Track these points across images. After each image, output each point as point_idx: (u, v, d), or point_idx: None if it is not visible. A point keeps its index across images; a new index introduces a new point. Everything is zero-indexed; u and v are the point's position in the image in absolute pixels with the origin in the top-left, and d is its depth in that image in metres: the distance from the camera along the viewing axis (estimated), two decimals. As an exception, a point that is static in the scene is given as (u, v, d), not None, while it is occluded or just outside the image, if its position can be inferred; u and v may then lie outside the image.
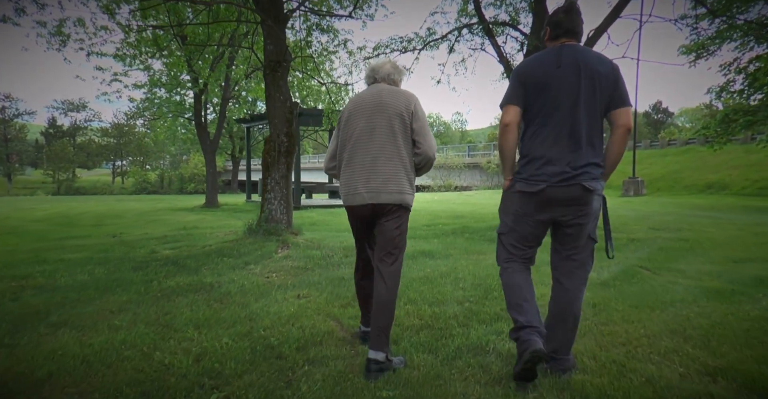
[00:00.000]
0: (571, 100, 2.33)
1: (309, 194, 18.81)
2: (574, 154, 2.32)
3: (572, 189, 2.32)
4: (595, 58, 2.36)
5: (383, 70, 2.77)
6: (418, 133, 2.62)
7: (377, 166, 2.58)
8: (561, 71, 2.34)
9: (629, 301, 3.47)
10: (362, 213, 2.65)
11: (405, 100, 2.63)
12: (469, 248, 6.16)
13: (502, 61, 8.46)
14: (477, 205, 15.61)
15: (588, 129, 2.33)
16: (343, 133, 2.73)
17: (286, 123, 6.38)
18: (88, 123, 76.17)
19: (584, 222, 2.37)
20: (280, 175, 6.45)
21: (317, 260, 5.12)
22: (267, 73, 6.17)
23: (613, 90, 2.33)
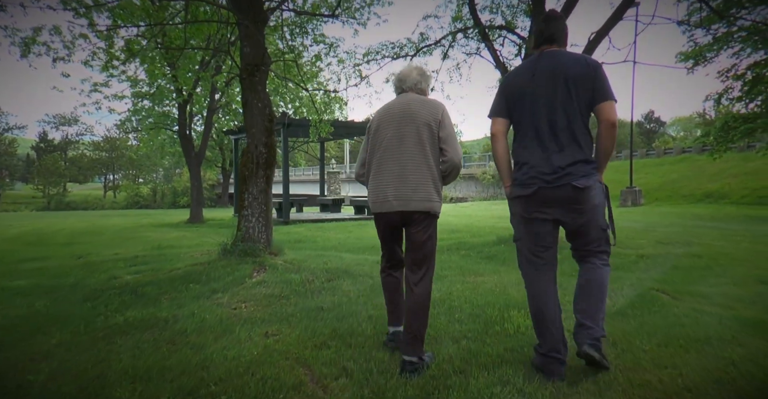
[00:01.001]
0: (548, 105, 2.46)
1: (300, 208, 18.25)
2: (558, 155, 2.44)
3: (563, 189, 2.42)
4: (571, 60, 2.45)
5: (410, 79, 2.84)
6: (444, 141, 2.68)
7: (406, 175, 2.66)
8: (536, 79, 2.48)
9: (655, 337, 2.93)
10: (391, 220, 2.73)
11: (433, 109, 2.70)
12: (465, 268, 5.62)
13: (498, 67, 8.00)
14: (473, 218, 15.09)
15: (569, 129, 2.44)
16: (372, 141, 2.82)
17: (265, 132, 5.85)
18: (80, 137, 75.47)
19: (587, 218, 2.47)
20: (258, 189, 5.91)
21: (295, 286, 4.56)
22: (243, 78, 5.66)
23: (592, 87, 2.41)
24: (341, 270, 5.29)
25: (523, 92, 2.52)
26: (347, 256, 6.53)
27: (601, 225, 2.52)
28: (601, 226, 2.51)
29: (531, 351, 2.78)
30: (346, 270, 5.30)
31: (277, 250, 6.07)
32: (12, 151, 71.48)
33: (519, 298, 4.00)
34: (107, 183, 74.67)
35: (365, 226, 11.82)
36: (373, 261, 6.02)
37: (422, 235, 2.69)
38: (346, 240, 9.11)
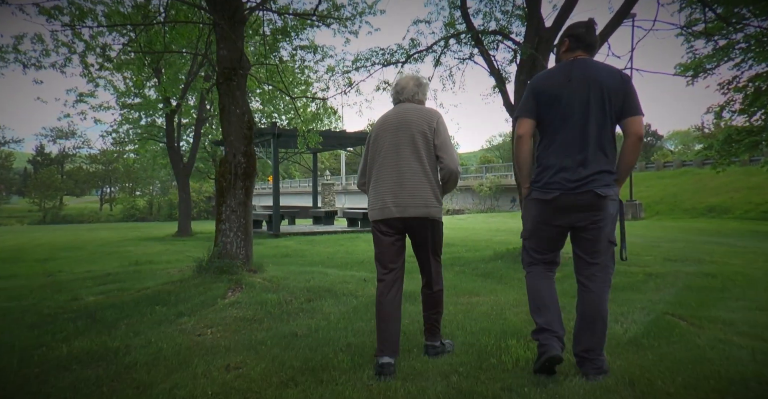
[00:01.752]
0: (581, 112, 2.46)
1: (292, 220, 17.81)
2: (585, 163, 2.45)
3: (585, 196, 2.45)
4: (605, 71, 2.49)
5: (407, 90, 2.89)
6: (440, 148, 2.73)
7: (403, 182, 2.71)
8: (571, 84, 2.48)
9: (680, 375, 2.49)
10: (392, 227, 2.76)
11: (428, 117, 2.75)
12: (459, 287, 5.18)
13: (493, 73, 7.66)
14: (469, 231, 14.66)
15: (598, 138, 2.46)
16: (371, 151, 2.89)
17: (243, 141, 5.46)
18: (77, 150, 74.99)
19: (601, 226, 2.49)
20: (237, 201, 5.49)
21: (270, 307, 4.12)
22: (220, 83, 5.28)
23: (623, 100, 2.44)
24: (324, 289, 4.86)
25: (556, 96, 2.52)
26: (333, 272, 6.10)
27: (609, 237, 2.53)
28: (609, 237, 2.52)
29: (531, 390, 2.36)
30: (329, 288, 4.87)
31: (257, 267, 5.63)
32: (8, 164, 71.04)
33: (518, 324, 3.57)
34: (103, 196, 74.11)
35: (357, 240, 11.39)
36: (359, 278, 5.59)
37: (424, 239, 2.80)
38: (335, 254, 8.67)
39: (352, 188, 49.67)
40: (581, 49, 2.60)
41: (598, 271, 2.55)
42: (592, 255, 2.54)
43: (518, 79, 7.32)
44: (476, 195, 35.66)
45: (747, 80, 15.37)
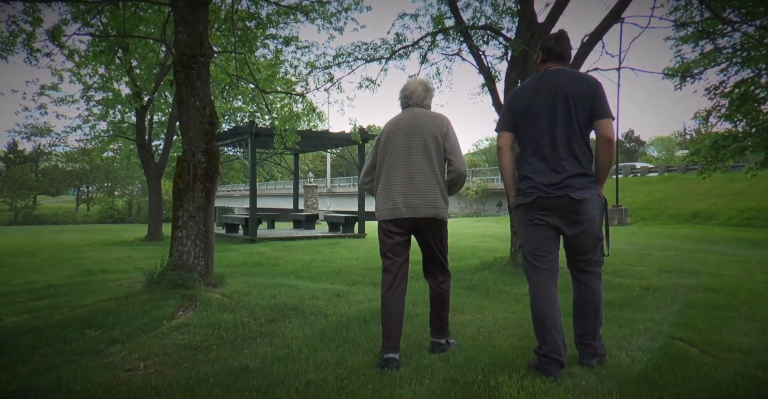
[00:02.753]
0: (549, 121, 2.63)
1: (272, 223, 17.17)
2: (557, 168, 2.61)
3: (561, 200, 2.61)
4: (572, 79, 2.63)
5: (416, 95, 3.02)
6: (450, 152, 2.88)
7: (414, 183, 2.84)
8: (539, 96, 2.66)
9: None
10: (400, 226, 2.87)
11: (438, 122, 2.91)
12: (442, 303, 4.67)
13: (482, 71, 7.20)
14: (455, 237, 14.20)
15: (568, 144, 2.60)
16: (381, 153, 2.98)
17: (204, 137, 4.89)
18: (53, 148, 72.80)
19: (585, 227, 2.64)
20: (195, 205, 4.92)
21: (224, 331, 3.57)
22: (177, 71, 4.71)
23: (591, 105, 2.57)
24: (290, 306, 4.31)
25: (527, 108, 2.69)
26: (305, 285, 5.56)
27: (597, 235, 2.70)
28: (597, 236, 2.69)
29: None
30: (296, 306, 4.32)
31: (218, 280, 5.06)
32: (-22, 162, 68.83)
33: (509, 353, 3.08)
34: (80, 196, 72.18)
35: (337, 246, 10.84)
36: (333, 293, 5.06)
37: (433, 239, 2.93)
38: (311, 263, 8.12)
39: (337, 191, 49.07)
40: (552, 61, 2.75)
41: (588, 266, 2.75)
42: (581, 253, 2.72)
43: (509, 77, 6.87)
44: (462, 199, 35.33)
45: (733, 85, 15.22)
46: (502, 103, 7.02)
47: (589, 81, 2.63)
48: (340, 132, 13.05)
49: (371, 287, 5.69)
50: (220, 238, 13.70)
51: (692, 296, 4.85)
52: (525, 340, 3.38)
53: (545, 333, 2.65)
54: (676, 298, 4.80)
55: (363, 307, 4.37)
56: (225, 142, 13.47)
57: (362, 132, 12.94)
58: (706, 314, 4.07)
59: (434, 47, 7.88)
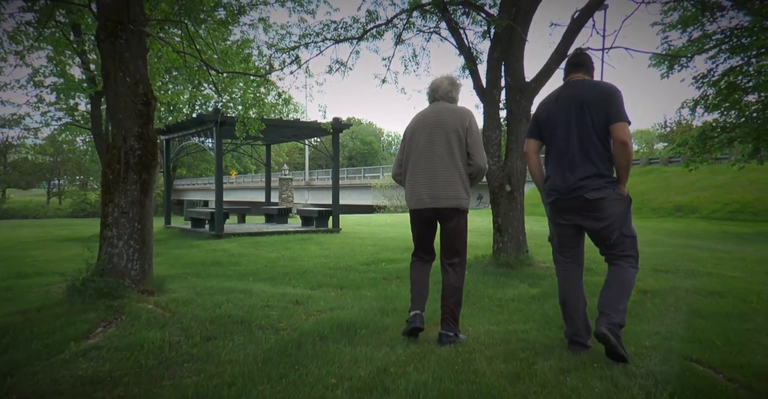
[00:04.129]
0: (565, 128, 2.91)
1: (242, 218, 16.37)
2: (573, 171, 2.87)
3: (576, 200, 2.86)
4: (589, 87, 2.89)
5: (442, 88, 3.25)
6: (471, 146, 3.11)
7: (437, 176, 3.08)
8: (558, 105, 2.96)
9: None
10: (425, 215, 3.17)
11: (461, 117, 3.12)
12: (416, 312, 4.05)
13: (462, 51, 6.56)
14: (434, 231, 13.66)
15: (583, 148, 2.84)
16: (408, 146, 3.25)
17: (137, 119, 4.16)
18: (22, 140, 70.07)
19: (605, 225, 2.83)
20: (129, 200, 4.20)
21: (145, 355, 2.88)
22: (101, 39, 3.96)
23: (605, 110, 2.78)
24: (235, 319, 3.64)
25: (549, 117, 2.98)
26: (261, 289, 4.88)
27: (623, 232, 2.84)
28: (622, 232, 2.83)
29: None
30: (243, 318, 3.65)
31: (158, 286, 4.36)
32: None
33: (495, 382, 2.47)
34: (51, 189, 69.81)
35: (308, 242, 10.15)
36: (292, 299, 4.40)
37: (454, 228, 3.13)
38: (276, 261, 7.43)
39: (315, 183, 48.23)
40: (574, 72, 3.02)
41: (618, 259, 2.89)
42: (607, 247, 2.90)
43: (491, 57, 6.26)
44: (442, 191, 34.87)
45: (722, 74, 14.85)
46: (484, 86, 6.41)
47: (605, 88, 2.84)
48: (313, 121, 12.29)
49: (337, 291, 5.04)
50: (185, 233, 12.89)
51: (697, 302, 4.32)
52: (512, 363, 2.79)
53: (567, 318, 3.03)
54: (679, 304, 4.26)
55: (323, 318, 3.72)
56: (189, 132, 12.62)
57: (336, 121, 12.22)
58: (718, 326, 3.52)
59: (410, 26, 7.21)
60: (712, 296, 4.53)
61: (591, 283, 4.45)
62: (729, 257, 7.56)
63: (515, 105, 6.21)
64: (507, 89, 6.33)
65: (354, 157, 76.46)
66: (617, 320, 2.72)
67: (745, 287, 4.88)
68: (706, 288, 4.86)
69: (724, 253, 8.09)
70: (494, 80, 6.31)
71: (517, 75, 6.22)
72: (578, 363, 2.75)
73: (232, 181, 57.01)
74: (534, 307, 4.23)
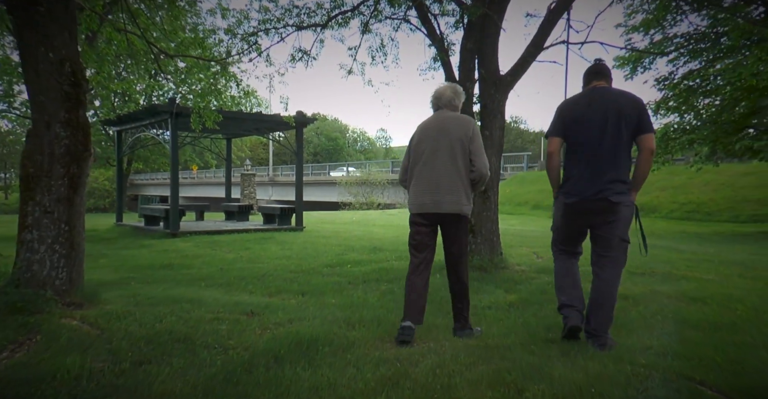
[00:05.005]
0: (599, 131, 3.01)
1: (200, 215, 15.59)
2: (600, 173, 3.00)
3: (600, 202, 3.01)
4: (621, 96, 3.03)
5: (445, 97, 3.39)
6: (474, 153, 3.21)
7: (440, 182, 3.21)
8: (591, 109, 3.06)
9: None
10: (427, 220, 3.27)
11: (464, 126, 3.25)
12: (383, 321, 3.65)
13: (434, 41, 6.17)
14: (401, 229, 13.26)
15: (613, 153, 2.98)
16: (414, 153, 3.37)
17: (64, 103, 3.58)
18: (-37, 129, 65.75)
19: (614, 227, 3.02)
20: (53, 197, 3.61)
21: (54, 390, 2.36)
22: (14, 6, 3.35)
23: (637, 121, 2.97)
24: (178, 335, 3.14)
25: (579, 118, 3.09)
26: (212, 297, 4.37)
27: (622, 236, 3.06)
28: (621, 236, 3.06)
29: None
30: (187, 335, 3.16)
31: (89, 297, 3.79)
32: None
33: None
34: (-4, 182, 65.85)
35: (269, 241, 9.60)
36: (246, 309, 3.92)
37: (455, 233, 3.28)
38: (233, 263, 6.88)
39: (280, 179, 47.23)
40: (596, 80, 3.18)
41: (609, 263, 3.07)
42: (605, 249, 3.07)
43: (464, 47, 5.90)
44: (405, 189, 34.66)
45: (681, 77, 15.11)
46: (456, 78, 6.05)
47: (635, 99, 3.02)
48: (275, 114, 11.70)
49: (297, 298, 4.58)
50: (137, 232, 12.08)
51: (682, 310, 4.08)
52: (499, 389, 2.42)
53: (564, 285, 3.22)
54: (664, 312, 4.01)
55: (279, 333, 3.27)
56: (142, 123, 11.80)
57: (299, 115, 11.68)
58: (712, 339, 3.26)
59: (378, 14, 6.78)
60: (695, 303, 4.31)
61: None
62: (696, 258, 7.50)
63: (489, 99, 5.88)
64: (481, 82, 6.00)
65: (319, 154, 75.48)
66: (608, 341, 2.99)
67: (724, 292, 4.71)
68: (686, 293, 4.65)
69: (690, 254, 8.04)
70: (467, 73, 5.96)
71: (492, 68, 5.90)
72: (573, 389, 2.40)
73: (194, 176, 55.20)
74: (513, 316, 3.89)
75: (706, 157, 14.80)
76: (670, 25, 14.89)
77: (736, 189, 19.45)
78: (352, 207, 33.64)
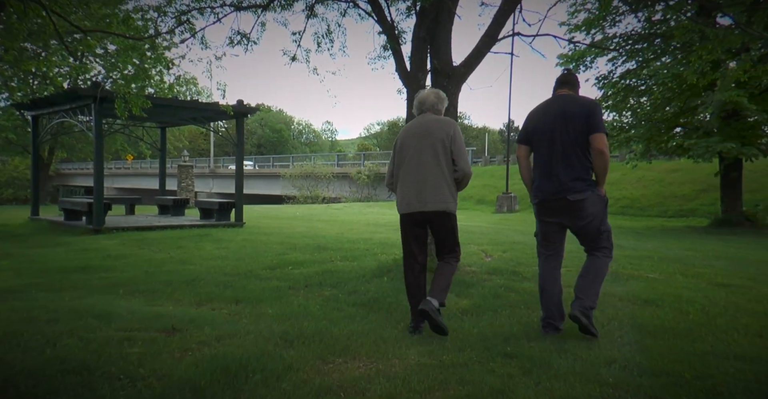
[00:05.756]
0: (551, 136, 3.29)
1: (131, 209, 14.48)
2: (555, 175, 3.26)
3: (560, 202, 3.27)
4: (572, 101, 3.32)
5: (428, 101, 3.56)
6: (456, 154, 3.36)
7: (425, 182, 3.34)
8: (546, 116, 3.35)
9: None
10: (415, 219, 3.41)
11: (446, 127, 3.41)
12: (324, 334, 3.26)
13: (384, 29, 5.79)
14: (346, 225, 12.87)
15: (566, 155, 3.24)
16: (398, 155, 3.52)
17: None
18: None
19: (586, 222, 3.27)
20: None
21: None
22: None
23: (586, 122, 3.21)
24: (73, 365, 2.60)
25: (537, 126, 3.38)
26: (129, 309, 3.81)
27: (600, 227, 3.31)
28: (599, 227, 3.30)
29: None
30: (86, 364, 2.63)
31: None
32: None
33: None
34: None
35: (205, 239, 8.92)
36: (166, 324, 3.40)
37: (443, 228, 3.42)
38: (160, 266, 6.24)
39: (221, 171, 45.47)
40: (561, 88, 3.44)
41: (598, 252, 3.38)
42: (588, 243, 3.40)
43: (417, 36, 5.56)
44: (354, 183, 34.23)
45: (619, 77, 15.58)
46: (408, 68, 5.70)
47: (586, 102, 3.29)
48: (213, 102, 10.93)
49: (230, 308, 4.10)
50: (56, 227, 11.00)
51: (637, 314, 3.95)
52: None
53: (544, 304, 3.40)
54: (619, 316, 3.86)
55: (203, 357, 2.80)
56: (62, 108, 10.69)
57: (240, 104, 10.97)
58: (673, 348, 3.09)
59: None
60: (648, 306, 4.21)
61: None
62: (637, 255, 7.58)
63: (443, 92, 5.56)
64: (433, 74, 5.68)
65: (263, 145, 73.49)
66: (589, 304, 3.17)
67: (673, 293, 4.66)
68: (637, 295, 4.56)
69: (630, 250, 8.15)
70: (419, 63, 5.62)
71: (445, 58, 5.59)
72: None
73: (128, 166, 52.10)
74: (468, 325, 3.60)
75: (641, 155, 15.36)
76: (609, 26, 15.30)
77: (665, 185, 20.50)
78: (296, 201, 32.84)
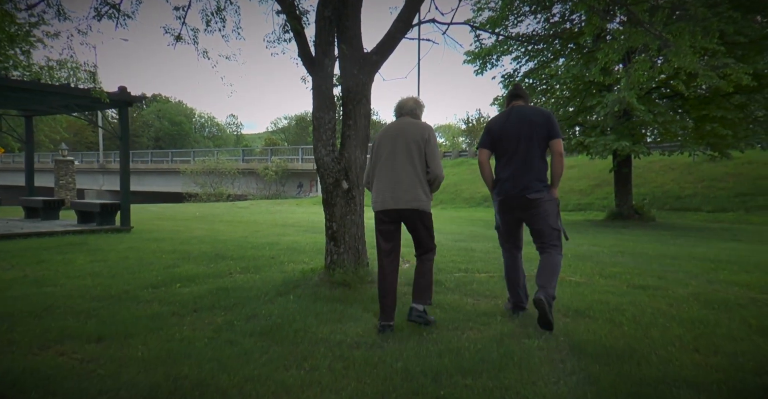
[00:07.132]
0: (517, 141, 3.65)
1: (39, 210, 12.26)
2: (519, 175, 3.63)
3: (520, 199, 3.64)
4: (533, 111, 3.70)
5: (407, 106, 3.81)
6: (429, 156, 3.56)
7: (399, 180, 3.51)
8: (509, 123, 3.71)
9: None
10: (389, 216, 3.57)
11: (420, 130, 3.60)
12: (210, 386, 2.50)
13: (283, 7, 5.02)
14: (251, 226, 11.84)
15: (529, 158, 3.62)
16: (374, 155, 3.71)
17: None
18: None
19: (540, 219, 3.63)
20: None
21: None
22: None
23: (547, 129, 3.62)
24: None
25: (501, 132, 3.72)
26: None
27: (552, 225, 3.64)
28: (552, 226, 3.64)
29: None
30: None
31: None
32: None
33: None
34: None
35: (78, 249, 7.55)
36: None
37: (416, 226, 3.56)
38: (7, 289, 4.98)
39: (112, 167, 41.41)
40: (514, 100, 3.88)
41: (548, 248, 3.67)
42: (540, 238, 3.69)
43: (321, 15, 4.86)
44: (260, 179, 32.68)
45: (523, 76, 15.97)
46: (313, 53, 5.00)
47: (544, 112, 3.70)
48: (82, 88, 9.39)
49: (87, 349, 3.16)
50: None
51: (571, 330, 3.59)
52: None
53: (512, 289, 3.97)
54: (555, 334, 3.47)
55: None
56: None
57: (122, 91, 9.55)
58: (621, 376, 2.70)
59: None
60: (581, 317, 3.89)
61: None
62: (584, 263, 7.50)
63: (353, 81, 4.94)
64: (342, 61, 5.03)
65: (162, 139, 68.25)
66: (551, 293, 3.42)
67: (601, 300, 4.43)
68: (567, 305, 4.23)
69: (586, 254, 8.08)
70: (325, 47, 4.95)
71: (355, 43, 4.96)
72: None
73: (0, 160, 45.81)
74: (389, 358, 3.01)
75: (545, 152, 15.89)
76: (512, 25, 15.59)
77: (564, 180, 21.55)
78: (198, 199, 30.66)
